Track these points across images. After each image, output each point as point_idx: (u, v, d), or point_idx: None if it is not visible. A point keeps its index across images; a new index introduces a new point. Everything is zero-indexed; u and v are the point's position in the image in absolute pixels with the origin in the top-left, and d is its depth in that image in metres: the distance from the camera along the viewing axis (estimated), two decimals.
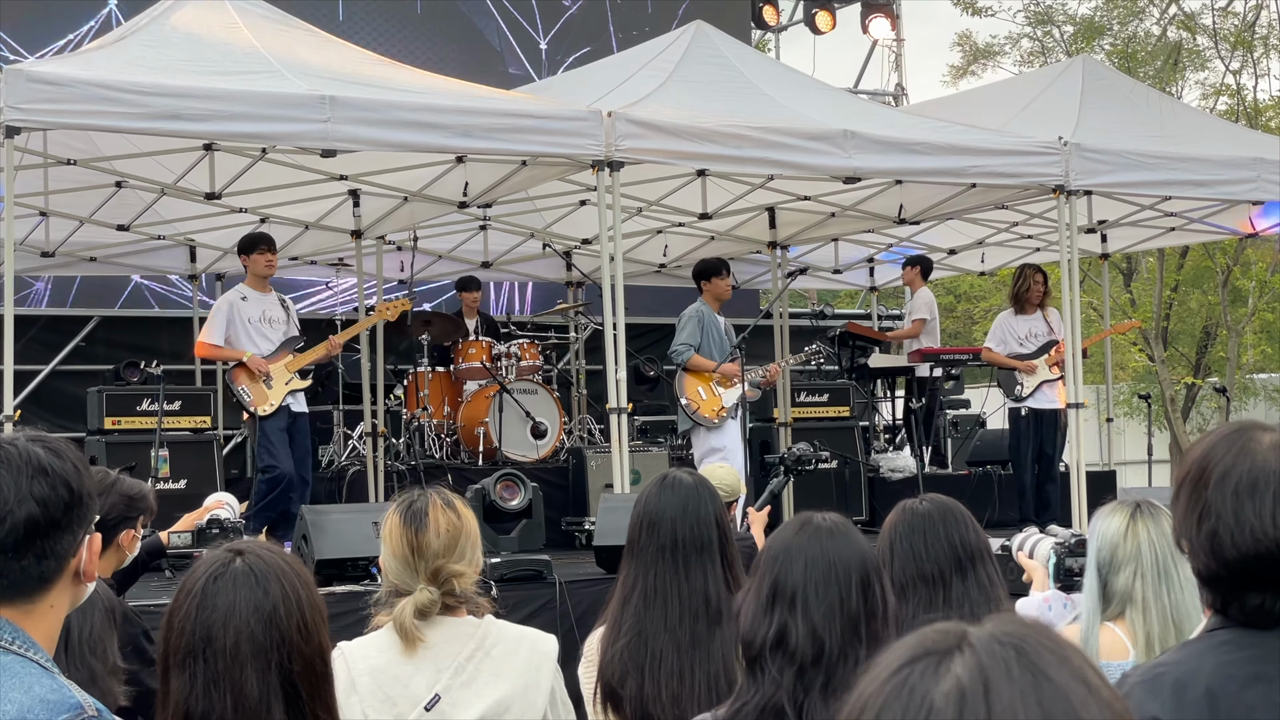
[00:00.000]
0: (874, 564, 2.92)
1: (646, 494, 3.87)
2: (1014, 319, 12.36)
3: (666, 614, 3.70)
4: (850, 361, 14.90)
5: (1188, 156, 11.11)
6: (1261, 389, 26.18)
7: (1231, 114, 23.40)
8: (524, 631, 3.63)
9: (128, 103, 8.34)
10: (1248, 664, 2.30)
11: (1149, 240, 14.85)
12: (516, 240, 13.95)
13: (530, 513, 8.74)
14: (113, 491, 4.83)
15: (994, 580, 3.71)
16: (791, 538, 2.89)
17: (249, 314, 10.34)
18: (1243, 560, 2.28)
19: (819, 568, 2.82)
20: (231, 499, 5.66)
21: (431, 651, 3.49)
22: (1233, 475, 2.31)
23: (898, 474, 13.58)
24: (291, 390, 10.25)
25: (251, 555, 2.61)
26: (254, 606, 2.50)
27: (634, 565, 3.80)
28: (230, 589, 2.53)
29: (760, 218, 13.25)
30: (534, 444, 12.47)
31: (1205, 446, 2.40)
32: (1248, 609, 2.32)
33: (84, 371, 13.87)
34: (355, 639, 3.62)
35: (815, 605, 2.80)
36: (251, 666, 2.45)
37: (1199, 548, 2.34)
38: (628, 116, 9.34)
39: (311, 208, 12.07)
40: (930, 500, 3.81)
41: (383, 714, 3.45)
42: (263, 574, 2.56)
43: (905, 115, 12.78)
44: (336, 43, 10.00)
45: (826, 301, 23.37)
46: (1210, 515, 2.31)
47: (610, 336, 9.41)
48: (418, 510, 3.54)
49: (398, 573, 3.52)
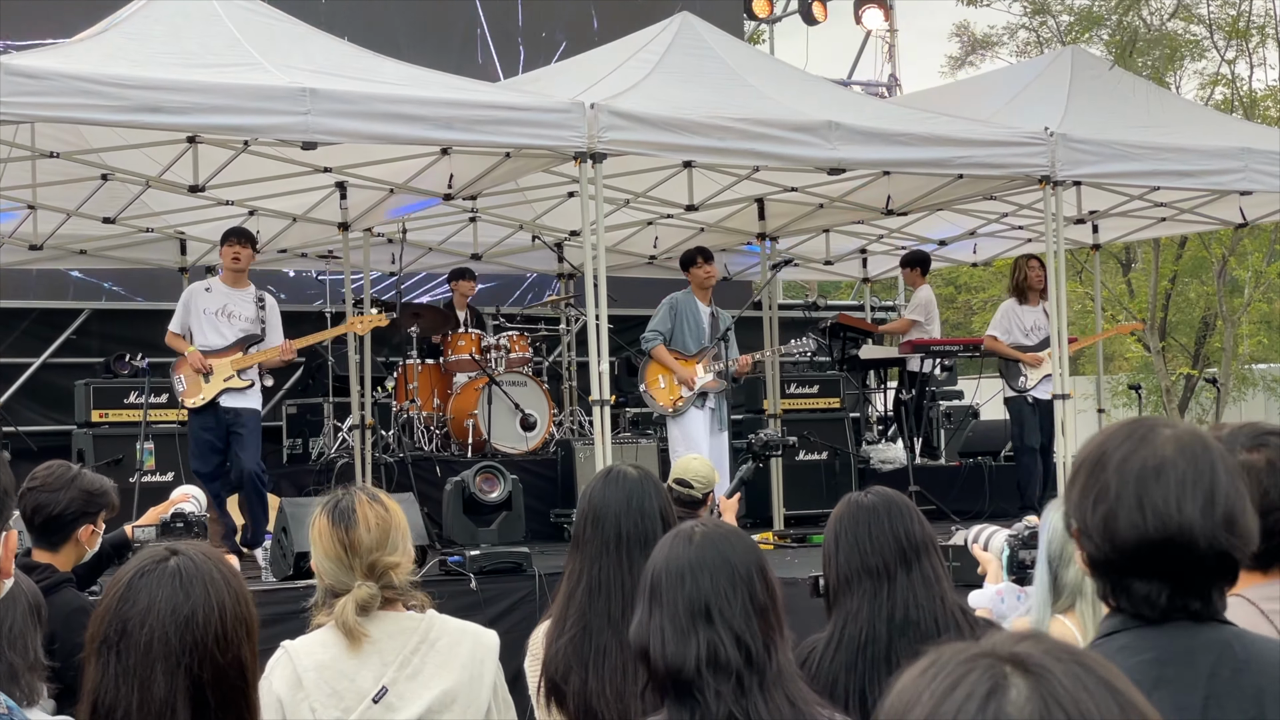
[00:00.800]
0: (760, 553, 2.93)
1: (592, 488, 3.87)
2: (1019, 309, 12.33)
3: (610, 608, 3.69)
4: (841, 353, 14.89)
5: (1175, 147, 11.08)
6: (1260, 379, 26.12)
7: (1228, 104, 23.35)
8: (466, 625, 3.63)
9: (108, 95, 8.31)
10: (1149, 668, 2.28)
11: (1140, 231, 14.82)
12: (506, 232, 13.93)
13: (510, 505, 8.73)
14: (72, 487, 4.83)
15: (939, 574, 3.71)
16: (686, 552, 2.86)
17: (206, 305, 10.26)
18: (1138, 544, 2.27)
19: (723, 574, 2.81)
20: (198, 492, 5.65)
21: (376, 646, 3.49)
22: (1134, 460, 2.31)
23: (888, 465, 13.59)
24: (229, 388, 10.12)
25: (185, 557, 2.59)
26: (172, 608, 2.50)
27: (579, 559, 3.80)
28: (154, 587, 2.52)
29: (750, 209, 13.23)
30: (523, 436, 12.47)
31: (1104, 435, 2.40)
32: (1135, 599, 2.31)
33: (75, 364, 13.89)
34: (299, 637, 3.61)
35: (731, 612, 2.79)
36: (161, 667, 2.45)
37: (1093, 530, 2.32)
38: (610, 108, 9.33)
39: (299, 200, 12.06)
40: (875, 493, 3.81)
41: (330, 709, 3.45)
42: (190, 577, 2.55)
43: (891, 106, 12.75)
44: (320, 34, 9.99)
45: (822, 294, 23.39)
46: (1108, 497, 2.30)
47: (593, 328, 9.41)
48: (345, 508, 3.54)
49: (333, 573, 3.52)
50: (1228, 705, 2.26)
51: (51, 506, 4.83)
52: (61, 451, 10.94)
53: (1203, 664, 2.29)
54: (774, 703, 2.78)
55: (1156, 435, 2.33)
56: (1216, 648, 2.30)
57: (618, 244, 13.86)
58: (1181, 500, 2.27)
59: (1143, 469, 2.30)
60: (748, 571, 2.83)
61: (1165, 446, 2.31)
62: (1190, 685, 2.27)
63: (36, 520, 4.83)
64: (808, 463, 13.12)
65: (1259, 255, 23.44)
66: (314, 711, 3.44)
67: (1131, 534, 2.28)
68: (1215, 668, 2.28)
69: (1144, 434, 2.34)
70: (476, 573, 8.32)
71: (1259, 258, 23.41)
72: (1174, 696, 2.26)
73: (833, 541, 3.71)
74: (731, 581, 2.80)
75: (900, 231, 14.61)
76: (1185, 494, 2.27)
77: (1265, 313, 25.11)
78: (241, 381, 10.12)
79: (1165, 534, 2.26)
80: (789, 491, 12.66)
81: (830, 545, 3.71)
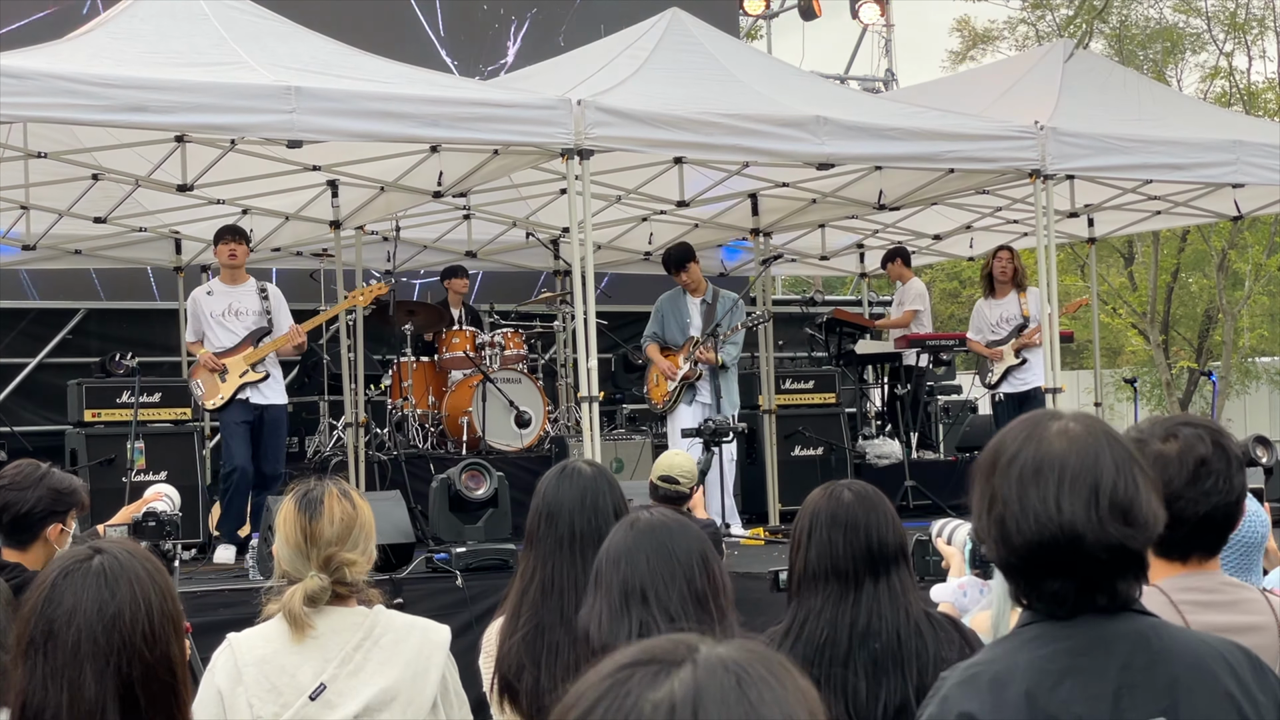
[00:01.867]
0: (706, 544, 2.93)
1: (545, 485, 3.86)
2: (985, 305, 12.46)
3: (563, 606, 3.68)
4: (838, 348, 14.88)
5: (1165, 140, 11.05)
6: (1263, 372, 26.08)
7: (1226, 97, 23.31)
8: (415, 621, 3.63)
9: (93, 95, 8.31)
10: (1060, 658, 2.28)
11: (1136, 224, 14.80)
12: (500, 229, 13.93)
13: (496, 502, 8.73)
14: (40, 485, 4.83)
15: (905, 586, 3.67)
16: (626, 538, 2.89)
17: (212, 308, 10.38)
18: (1028, 547, 2.27)
19: (661, 559, 2.82)
20: (171, 491, 5.66)
21: (319, 641, 3.49)
22: (1018, 461, 2.30)
23: (884, 460, 13.57)
24: (246, 382, 10.20)
25: (109, 555, 2.58)
26: (99, 607, 2.48)
27: (532, 557, 3.79)
28: (79, 586, 2.51)
29: (743, 205, 13.22)
30: (518, 433, 12.47)
31: (1000, 435, 2.39)
32: (1046, 596, 2.30)
33: (72, 364, 13.91)
34: (245, 630, 3.62)
35: (666, 595, 2.79)
36: (90, 666, 2.44)
37: (989, 535, 2.33)
38: (598, 104, 9.32)
39: (291, 199, 12.08)
40: (855, 491, 3.76)
41: (268, 705, 3.45)
42: (115, 575, 2.54)
43: (881, 101, 12.75)
44: (306, 33, 9.99)
45: (827, 288, 23.37)
46: (998, 502, 2.30)
47: (582, 325, 9.41)
48: (313, 498, 3.55)
49: (290, 560, 3.53)
50: (1140, 696, 2.25)
51: (19, 505, 4.83)
52: (55, 452, 10.96)
53: (1116, 654, 2.28)
54: None
55: (1045, 431, 2.32)
56: (1131, 638, 2.29)
57: (612, 240, 13.86)
58: (1060, 499, 2.26)
59: (1023, 470, 2.29)
60: (688, 559, 2.84)
61: (1054, 443, 2.30)
62: (1102, 675, 2.26)
63: (4, 519, 4.84)
64: (803, 458, 13.11)
65: (1259, 248, 23.41)
66: (251, 707, 3.43)
67: (1019, 539, 2.28)
68: (1129, 658, 2.27)
69: (1032, 431, 2.33)
70: (462, 570, 8.32)
71: (1259, 250, 23.38)
72: (1085, 686, 2.25)
73: (805, 533, 3.67)
74: (669, 567, 2.82)
75: (895, 226, 14.60)
76: (1064, 492, 2.26)
77: (1266, 306, 25.07)
78: (256, 374, 10.25)
79: (1048, 535, 2.26)
80: (784, 487, 12.63)
81: (801, 535, 3.67)
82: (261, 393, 10.28)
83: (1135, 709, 2.24)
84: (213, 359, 10.15)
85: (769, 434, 12.84)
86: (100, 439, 11.27)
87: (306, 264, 13.57)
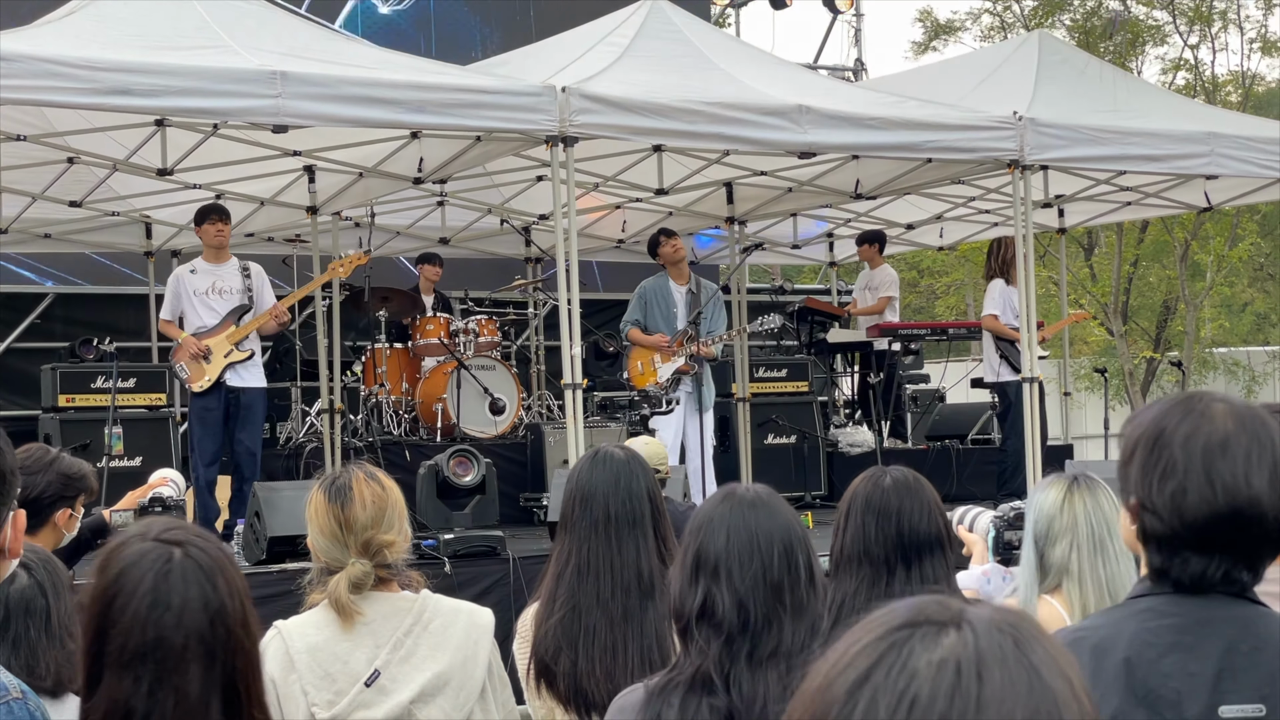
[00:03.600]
0: (798, 534, 2.91)
1: (579, 469, 3.87)
2: (1010, 290, 12.21)
3: (599, 589, 3.70)
4: (809, 337, 14.93)
5: (1141, 131, 11.13)
6: (1221, 363, 26.32)
7: (1190, 89, 23.48)
8: (460, 605, 3.63)
9: (76, 78, 8.25)
10: (1167, 633, 2.31)
11: (1106, 215, 14.90)
12: (474, 216, 13.91)
13: (484, 489, 8.72)
14: (50, 470, 4.80)
15: (939, 575, 3.66)
16: (714, 509, 2.89)
17: (196, 286, 10.28)
18: (1209, 519, 2.30)
19: (741, 537, 2.82)
20: (176, 475, 5.63)
21: (370, 627, 3.48)
22: (1199, 436, 2.33)
23: (856, 449, 13.63)
24: (231, 363, 10.14)
25: (193, 548, 2.47)
26: (204, 603, 2.39)
27: (567, 540, 3.80)
28: (181, 586, 2.40)
29: (718, 193, 13.24)
30: (492, 420, 12.45)
31: (1157, 412, 2.41)
32: (1190, 573, 2.34)
33: (40, 349, 13.81)
34: (292, 617, 3.60)
35: (739, 575, 2.80)
36: (196, 666, 2.37)
37: (1160, 506, 2.34)
38: (581, 92, 9.31)
39: (267, 184, 12.02)
40: (895, 477, 3.73)
41: (322, 691, 3.44)
42: (209, 569, 2.45)
43: (861, 91, 12.76)
44: (289, 17, 9.96)
45: (788, 277, 23.42)
46: (1176, 473, 2.32)
47: (565, 312, 9.40)
48: (341, 485, 3.54)
49: (327, 550, 3.51)
50: (1241, 680, 2.28)
51: (29, 489, 4.79)
52: (28, 437, 10.87)
53: (1222, 636, 2.32)
54: (761, 676, 2.78)
55: (1214, 410, 2.36)
56: (1239, 622, 2.33)
57: (586, 228, 13.85)
58: (1249, 474, 2.30)
59: (1208, 444, 2.32)
60: (769, 544, 2.84)
61: (1226, 421, 2.34)
62: (1205, 655, 2.30)
63: None
64: (776, 446, 13.17)
65: (1220, 239, 23.60)
66: (306, 694, 3.43)
67: (1203, 509, 2.31)
68: (1234, 642, 2.31)
69: (1202, 410, 2.37)
70: (451, 556, 8.31)
71: (1220, 242, 23.57)
72: (1186, 663, 2.29)
73: (844, 516, 3.68)
74: (749, 548, 2.82)
75: (868, 215, 14.65)
76: (1252, 467, 2.31)
77: (1226, 296, 25.28)
78: (241, 353, 10.17)
79: (1235, 507, 2.30)
80: (757, 475, 12.67)
81: (840, 519, 3.70)
82: (240, 375, 10.18)
83: (1235, 693, 2.27)
84: (196, 343, 10.06)
85: (743, 422, 12.89)
86: (74, 424, 11.21)
87: (281, 250, 13.50)
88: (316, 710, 3.45)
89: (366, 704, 3.44)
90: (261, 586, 7.85)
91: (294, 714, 3.45)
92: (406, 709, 3.47)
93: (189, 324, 10.26)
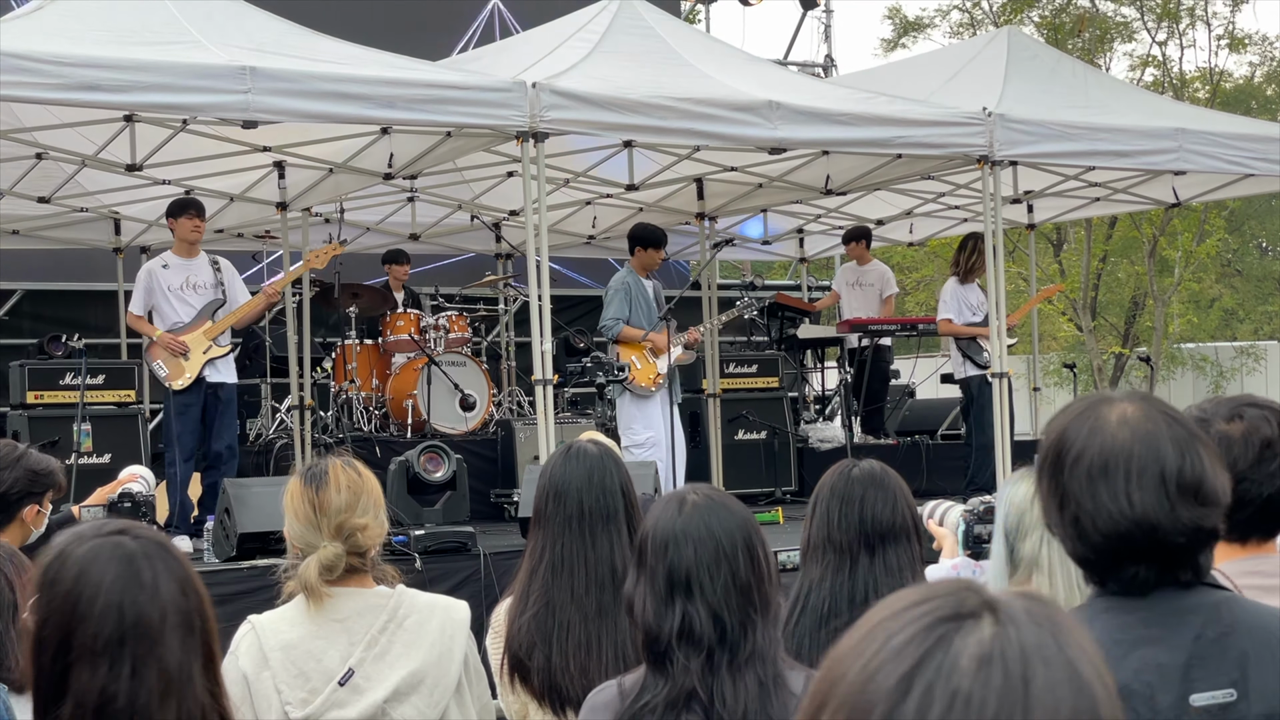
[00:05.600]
0: (753, 525, 2.93)
1: (552, 464, 3.87)
2: (964, 289, 12.26)
3: (573, 584, 3.70)
4: (779, 332, 14.95)
5: (1110, 127, 11.17)
6: (1189, 358, 26.44)
7: (1158, 86, 23.59)
8: (436, 599, 3.63)
9: (44, 73, 8.21)
10: (1133, 628, 2.31)
11: (1075, 211, 14.96)
12: (445, 212, 13.89)
13: (455, 485, 8.72)
14: (18, 466, 4.77)
15: (903, 564, 3.70)
16: (672, 521, 2.88)
17: (169, 282, 10.20)
18: (1106, 541, 2.30)
19: (708, 547, 2.83)
20: (146, 472, 5.62)
21: (344, 624, 3.48)
22: (1085, 458, 2.31)
23: (826, 444, 13.66)
24: (210, 359, 10.11)
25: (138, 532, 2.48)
26: (171, 574, 2.43)
27: (541, 536, 3.80)
28: (147, 564, 2.42)
29: (689, 189, 13.25)
30: (463, 416, 12.44)
31: (1060, 427, 2.39)
32: (1124, 580, 2.34)
33: (8, 345, 13.74)
34: (266, 612, 3.59)
35: (711, 587, 2.81)
36: (176, 635, 2.38)
37: (1064, 534, 2.35)
38: (552, 87, 9.31)
39: (236, 179, 11.98)
40: (863, 468, 3.79)
41: (296, 690, 3.44)
42: (161, 543, 2.50)
43: (831, 86, 12.80)
44: (257, 11, 9.90)
45: (758, 273, 23.44)
46: (1070, 502, 2.32)
47: (535, 309, 9.39)
48: (317, 471, 3.54)
49: (301, 535, 3.51)
50: (1211, 668, 2.29)
51: None
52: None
53: (1189, 626, 2.32)
54: (742, 682, 2.81)
55: (1106, 422, 2.33)
56: (1203, 611, 2.33)
57: (556, 224, 13.84)
58: (1130, 493, 2.27)
59: (1091, 468, 2.30)
60: (733, 546, 2.84)
61: (1116, 434, 2.31)
62: (1174, 646, 2.30)
63: None
64: (747, 442, 13.18)
65: (1189, 235, 23.71)
66: (280, 692, 3.42)
67: (1097, 535, 2.30)
68: (1201, 630, 2.31)
69: (1093, 423, 2.34)
70: (421, 552, 8.30)
71: (1189, 238, 23.68)
72: (1156, 656, 2.29)
73: (812, 505, 3.75)
74: (715, 556, 2.82)
75: (838, 211, 14.68)
76: (1133, 485, 2.27)
77: (1194, 292, 25.41)
78: (221, 348, 10.13)
79: (1121, 531, 2.28)
80: (728, 470, 12.70)
81: (810, 507, 3.76)
82: (218, 370, 10.16)
83: (1205, 680, 2.28)
84: (174, 340, 10.00)
85: (713, 418, 12.90)
86: (43, 421, 11.15)
87: (250, 246, 13.46)
88: (290, 709, 3.44)
89: (340, 703, 3.43)
90: (232, 583, 7.85)
91: (267, 713, 3.44)
92: (380, 708, 3.46)
93: (163, 320, 10.17)
